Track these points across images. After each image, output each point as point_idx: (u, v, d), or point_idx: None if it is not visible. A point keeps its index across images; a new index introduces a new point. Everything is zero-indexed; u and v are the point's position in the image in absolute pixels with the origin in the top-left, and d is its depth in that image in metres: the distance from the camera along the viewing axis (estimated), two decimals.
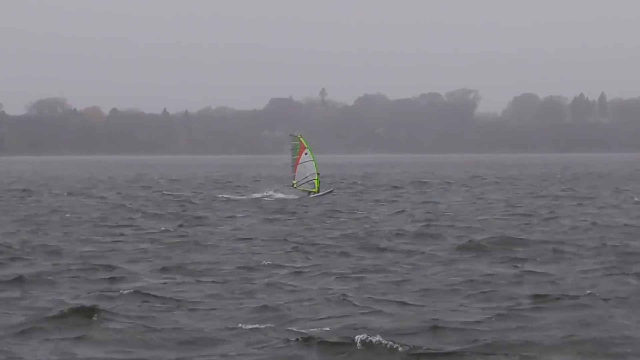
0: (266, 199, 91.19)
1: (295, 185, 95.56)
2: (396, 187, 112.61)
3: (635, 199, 77.59)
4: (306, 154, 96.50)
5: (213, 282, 33.23)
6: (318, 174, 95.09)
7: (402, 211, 71.96)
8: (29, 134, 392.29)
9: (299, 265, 36.56)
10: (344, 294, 28.05)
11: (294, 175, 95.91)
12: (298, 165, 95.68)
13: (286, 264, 37.08)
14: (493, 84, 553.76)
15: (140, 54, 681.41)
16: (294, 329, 23.45)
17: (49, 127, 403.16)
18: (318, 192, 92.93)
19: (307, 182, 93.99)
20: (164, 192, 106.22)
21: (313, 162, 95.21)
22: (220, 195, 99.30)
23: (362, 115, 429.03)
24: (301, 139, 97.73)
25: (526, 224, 57.08)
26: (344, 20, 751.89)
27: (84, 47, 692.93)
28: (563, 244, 43.08)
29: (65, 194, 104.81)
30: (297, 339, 21.18)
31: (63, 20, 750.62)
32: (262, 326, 23.63)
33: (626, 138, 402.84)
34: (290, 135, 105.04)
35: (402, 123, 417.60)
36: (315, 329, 23.05)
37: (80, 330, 22.72)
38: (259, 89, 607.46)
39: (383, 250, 41.95)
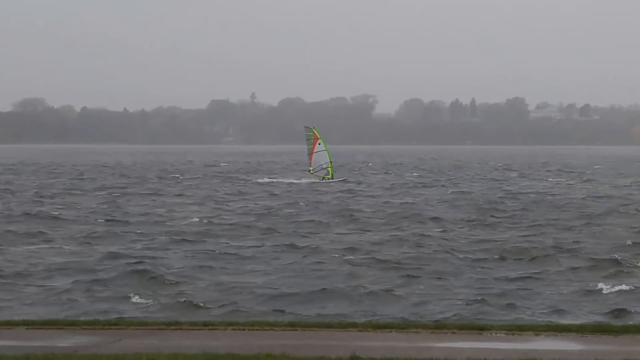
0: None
1: (312, 172, 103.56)
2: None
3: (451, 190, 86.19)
4: (319, 144, 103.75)
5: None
6: (331, 162, 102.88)
7: None
8: (14, 127, 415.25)
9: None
10: None
11: (310, 163, 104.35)
12: (313, 154, 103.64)
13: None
14: (388, 90, 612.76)
15: (109, 59, 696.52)
16: None
17: (30, 121, 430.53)
18: (332, 178, 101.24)
19: (322, 169, 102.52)
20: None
21: (326, 152, 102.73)
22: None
23: (284, 114, 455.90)
24: (314, 131, 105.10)
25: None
26: (274, 33, 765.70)
27: (61, 51, 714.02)
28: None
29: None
30: None
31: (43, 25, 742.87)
32: None
33: (491, 134, 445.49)
34: (305, 127, 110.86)
35: (316, 121, 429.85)
36: None
37: None
38: (202, 91, 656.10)
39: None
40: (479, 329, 19.20)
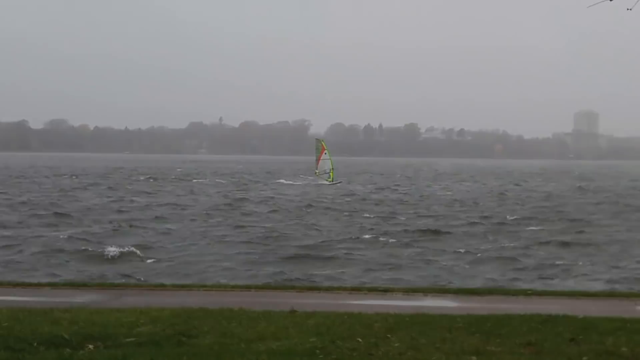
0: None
1: (317, 174, 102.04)
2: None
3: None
4: (325, 154, 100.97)
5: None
6: (332, 169, 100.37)
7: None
8: (44, 139, 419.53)
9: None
10: None
11: (317, 167, 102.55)
12: (320, 161, 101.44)
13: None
14: (320, 115, 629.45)
15: (115, 87, 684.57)
16: None
17: (56, 136, 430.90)
18: (332, 181, 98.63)
19: (325, 173, 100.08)
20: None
21: (329, 160, 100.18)
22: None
23: (243, 133, 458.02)
24: (322, 143, 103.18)
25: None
26: (237, 62, 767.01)
27: (78, 78, 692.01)
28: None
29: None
30: None
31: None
32: None
33: (393, 149, 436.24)
34: (316, 139, 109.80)
35: (266, 139, 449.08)
36: None
37: None
38: (183, 113, 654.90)
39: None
40: (383, 290, 19.30)
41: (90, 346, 11.40)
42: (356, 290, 19.44)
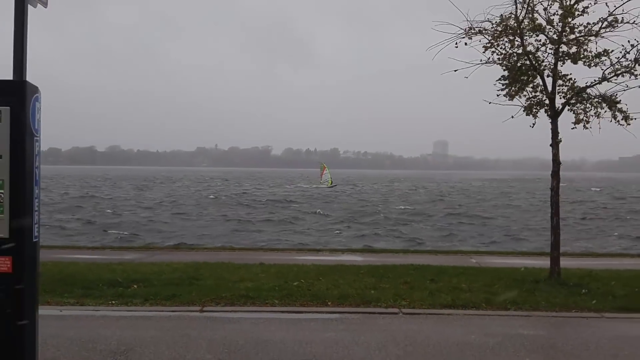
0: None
1: (321, 182, 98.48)
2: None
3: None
4: (326, 170, 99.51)
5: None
6: (331, 180, 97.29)
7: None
8: (106, 160, 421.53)
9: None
10: None
11: (321, 178, 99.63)
12: (323, 175, 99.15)
13: None
14: (279, 141, 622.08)
15: (151, 122, 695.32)
16: None
17: (115, 156, 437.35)
18: (330, 184, 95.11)
19: (325, 181, 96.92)
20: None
21: (329, 174, 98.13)
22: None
23: (231, 154, 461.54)
24: (324, 165, 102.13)
25: None
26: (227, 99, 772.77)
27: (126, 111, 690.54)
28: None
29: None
30: None
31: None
32: None
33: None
34: (319, 162, 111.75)
35: (242, 160, 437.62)
36: None
37: None
38: (191, 139, 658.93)
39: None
40: (316, 250, 19.43)
41: (135, 286, 11.50)
42: (300, 250, 19.33)
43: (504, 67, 12.20)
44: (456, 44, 11.67)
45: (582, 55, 11.73)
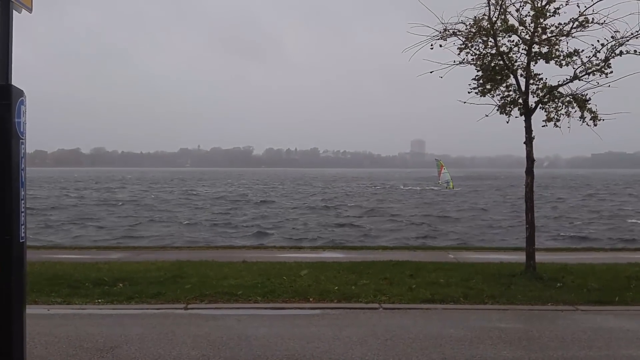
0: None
1: (439, 184, 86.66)
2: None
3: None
4: (444, 169, 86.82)
5: None
6: (451, 180, 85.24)
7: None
8: (92, 161, 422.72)
9: None
10: None
11: (439, 179, 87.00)
12: (441, 174, 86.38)
13: None
14: (260, 141, 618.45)
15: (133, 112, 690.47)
16: None
17: (101, 158, 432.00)
18: (452, 188, 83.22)
19: (445, 183, 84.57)
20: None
21: (448, 174, 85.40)
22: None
23: (213, 155, 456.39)
24: (440, 162, 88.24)
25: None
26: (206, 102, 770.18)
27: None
28: None
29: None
30: None
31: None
32: None
33: (305, 163, 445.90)
34: (435, 159, 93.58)
35: (224, 160, 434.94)
36: None
37: None
38: (175, 141, 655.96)
39: None
40: (297, 247, 19.46)
41: (121, 284, 11.45)
42: (281, 248, 19.18)
43: (478, 68, 12.28)
44: (431, 45, 11.70)
45: (554, 55, 11.83)
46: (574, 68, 11.77)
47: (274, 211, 47.91)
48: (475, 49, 12.15)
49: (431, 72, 11.69)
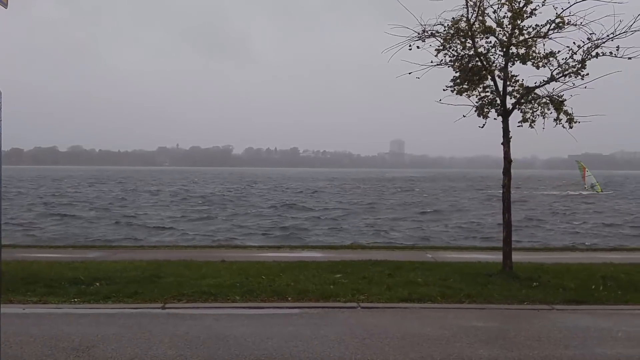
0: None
1: (585, 188, 76.75)
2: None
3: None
4: (588, 171, 78.36)
5: None
6: (598, 183, 78.40)
7: None
8: (69, 160, 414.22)
9: None
10: None
11: (584, 182, 77.33)
12: (585, 178, 77.52)
13: None
14: (239, 141, 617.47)
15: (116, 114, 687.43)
16: None
17: (78, 157, 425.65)
18: (601, 191, 75.59)
19: (592, 187, 76.63)
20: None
21: (592, 177, 77.51)
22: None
23: (192, 154, 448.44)
24: (581, 164, 78.17)
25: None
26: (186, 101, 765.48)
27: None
28: None
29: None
30: None
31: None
32: None
33: (285, 162, 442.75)
34: (576, 161, 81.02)
35: (204, 159, 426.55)
36: None
37: None
38: (152, 140, 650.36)
39: None
40: (277, 247, 19.26)
41: (97, 283, 11.36)
42: (262, 248, 19.11)
43: (456, 69, 12.33)
44: (410, 46, 11.71)
45: (531, 56, 11.91)
46: (550, 69, 11.87)
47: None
48: (453, 50, 12.21)
49: (409, 73, 11.72)
